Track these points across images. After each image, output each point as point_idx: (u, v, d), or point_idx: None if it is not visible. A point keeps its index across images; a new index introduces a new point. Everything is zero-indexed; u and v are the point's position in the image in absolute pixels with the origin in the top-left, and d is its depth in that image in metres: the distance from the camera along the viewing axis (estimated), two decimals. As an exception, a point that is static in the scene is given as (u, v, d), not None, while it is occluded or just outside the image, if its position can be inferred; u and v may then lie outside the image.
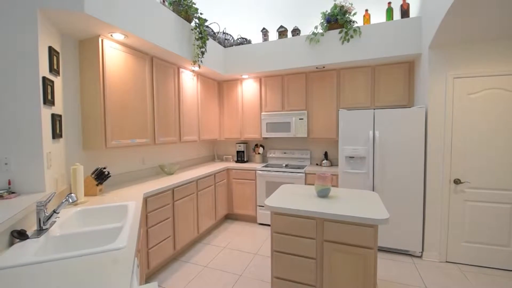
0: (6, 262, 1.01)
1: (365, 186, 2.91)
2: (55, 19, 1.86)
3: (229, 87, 4.17)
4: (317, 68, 3.45)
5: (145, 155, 3.09)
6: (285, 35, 3.59)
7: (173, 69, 3.11)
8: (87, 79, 2.24)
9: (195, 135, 3.57)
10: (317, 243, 1.73)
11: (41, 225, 1.33)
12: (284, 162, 4.01)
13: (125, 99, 2.42)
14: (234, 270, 2.53)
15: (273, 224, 1.83)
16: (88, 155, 2.38)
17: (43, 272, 0.95)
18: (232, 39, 3.96)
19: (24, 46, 1.64)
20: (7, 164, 1.63)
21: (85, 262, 1.02)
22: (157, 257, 2.40)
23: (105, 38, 2.21)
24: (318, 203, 1.82)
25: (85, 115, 2.27)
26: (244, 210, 3.81)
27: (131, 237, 1.25)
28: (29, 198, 1.52)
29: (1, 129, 1.61)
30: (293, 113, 3.66)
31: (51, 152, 1.79)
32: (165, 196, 2.51)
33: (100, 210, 1.81)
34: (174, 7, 2.89)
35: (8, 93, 1.62)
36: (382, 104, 3.25)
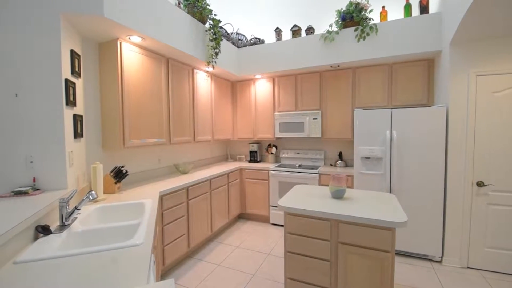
0: (31, 255, 1.06)
1: (381, 188, 2.83)
2: (77, 23, 1.94)
3: (242, 87, 4.19)
4: (331, 67, 3.40)
5: (161, 154, 3.16)
6: (299, 34, 3.56)
7: (188, 70, 3.17)
8: (106, 81, 2.32)
9: (209, 135, 3.61)
10: (331, 245, 1.70)
11: (64, 221, 1.39)
12: (297, 163, 3.98)
13: (142, 100, 2.48)
14: (247, 270, 2.53)
15: (287, 224, 1.82)
16: (107, 154, 2.47)
17: (66, 266, 0.99)
18: (245, 40, 3.97)
19: (48, 49, 1.72)
20: (32, 162, 1.71)
21: (105, 257, 1.06)
22: (172, 254, 2.44)
23: (123, 41, 2.28)
24: (333, 204, 1.79)
25: (104, 115, 2.36)
26: (257, 210, 3.81)
27: (148, 234, 1.29)
28: (52, 194, 1.59)
29: (27, 129, 1.70)
30: (307, 113, 3.62)
31: (73, 151, 1.87)
32: (180, 194, 2.56)
33: (119, 207, 1.87)
34: (189, 9, 2.93)
35: (33, 95, 1.70)
36: (400, 103, 3.15)
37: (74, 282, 0.89)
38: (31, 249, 1.12)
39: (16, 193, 1.57)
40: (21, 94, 1.68)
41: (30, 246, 1.16)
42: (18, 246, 1.12)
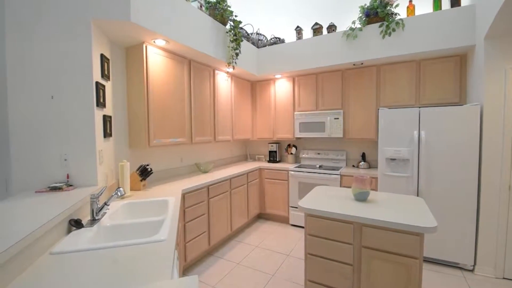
0: (66, 247, 1.14)
1: (408, 191, 2.70)
2: (106, 29, 2.05)
3: (262, 87, 4.19)
4: (354, 65, 3.30)
5: (183, 153, 3.25)
6: (320, 32, 3.50)
7: (209, 71, 3.22)
8: (133, 83, 2.43)
9: (229, 135, 3.65)
10: (354, 249, 1.65)
11: (94, 215, 1.48)
12: (318, 163, 3.91)
13: (166, 101, 2.57)
14: (266, 270, 2.53)
15: (307, 226, 1.79)
16: (133, 153, 2.58)
17: (97, 258, 1.05)
18: (265, 39, 3.97)
19: (80, 54, 1.83)
20: (66, 160, 1.83)
21: (131, 251, 1.11)
22: (193, 251, 2.50)
23: (149, 44, 2.37)
24: (356, 207, 1.73)
25: (131, 116, 2.47)
26: (276, 210, 3.79)
27: (171, 230, 1.33)
28: (84, 190, 1.69)
29: (61, 129, 1.82)
30: (328, 112, 3.54)
31: (102, 149, 1.98)
32: (201, 193, 2.62)
33: (144, 204, 1.94)
34: (210, 11, 2.99)
35: (67, 97, 1.82)
36: (429, 102, 2.98)
37: (104, 274, 0.93)
38: (65, 241, 1.20)
39: (52, 188, 1.69)
40: (56, 96, 1.81)
41: (64, 238, 1.24)
42: (53, 238, 1.20)
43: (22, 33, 1.73)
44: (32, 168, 1.76)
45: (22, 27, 1.73)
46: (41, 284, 0.87)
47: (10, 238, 0.92)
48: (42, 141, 1.79)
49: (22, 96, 1.74)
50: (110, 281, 0.88)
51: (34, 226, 1.04)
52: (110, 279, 0.90)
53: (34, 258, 1.03)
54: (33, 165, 1.77)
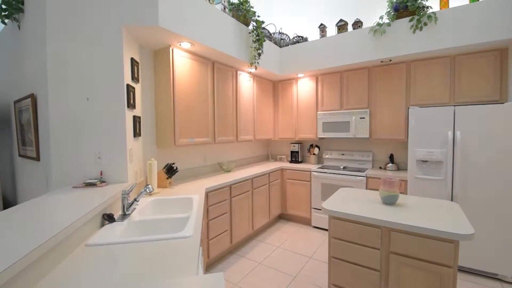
0: (100, 240, 1.21)
1: (440, 195, 2.53)
2: (135, 34, 2.15)
3: (284, 87, 4.16)
4: (382, 62, 3.16)
5: (206, 153, 3.33)
6: (345, 29, 3.39)
7: (232, 72, 3.27)
8: (160, 85, 2.53)
9: (251, 135, 3.67)
10: (382, 254, 1.58)
11: (125, 210, 1.56)
12: (342, 164, 3.80)
13: (190, 102, 2.64)
14: (288, 271, 2.51)
15: (332, 229, 1.75)
16: (160, 152, 2.69)
17: (127, 251, 1.11)
18: (288, 39, 3.94)
19: (112, 58, 1.94)
20: (100, 158, 1.95)
21: (159, 246, 1.15)
22: (216, 248, 2.55)
23: (175, 47, 2.45)
24: (384, 211, 1.66)
25: (158, 116, 2.57)
26: (298, 211, 3.74)
27: (196, 227, 1.36)
28: (115, 187, 1.79)
29: (95, 128, 1.94)
30: (353, 111, 3.42)
31: (132, 148, 2.09)
32: (223, 192, 2.66)
33: (170, 201, 2.02)
34: (233, 13, 3.03)
35: (100, 98, 1.94)
36: (465, 99, 2.77)
37: (134, 267, 0.98)
38: (99, 234, 1.28)
39: (87, 184, 1.81)
40: (91, 98, 1.93)
41: (98, 231, 1.33)
42: (89, 231, 1.29)
43: (60, 39, 1.87)
44: (70, 165, 1.90)
45: (61, 33, 1.87)
46: (78, 274, 0.94)
47: (51, 229, 1.00)
48: (79, 140, 1.92)
49: (61, 98, 1.88)
50: (141, 274, 0.92)
51: (72, 219, 1.12)
52: (140, 272, 0.94)
53: (72, 249, 1.11)
54: (70, 162, 1.90)
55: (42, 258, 0.90)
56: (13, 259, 0.76)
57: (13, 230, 1.01)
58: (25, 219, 1.16)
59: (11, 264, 0.74)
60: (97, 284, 0.87)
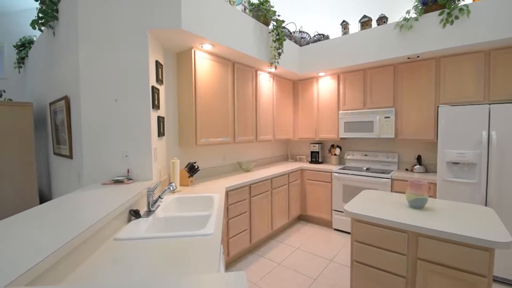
0: (127, 234, 1.27)
1: (473, 199, 2.36)
2: (160, 37, 2.23)
3: (304, 86, 4.11)
4: (409, 58, 3.01)
5: (226, 152, 3.37)
6: (369, 26, 3.28)
7: (252, 72, 3.28)
8: (183, 86, 2.60)
9: (270, 135, 3.66)
10: (408, 260, 1.51)
11: (150, 207, 1.62)
12: (365, 165, 3.67)
13: (211, 102, 2.69)
14: (308, 273, 2.47)
15: (354, 232, 1.70)
16: (182, 151, 2.77)
17: (152, 246, 1.15)
18: (308, 37, 3.88)
19: (139, 61, 2.03)
20: (127, 156, 2.05)
21: (182, 242, 1.19)
22: (235, 247, 2.58)
23: (197, 49, 2.51)
24: (411, 215, 1.58)
25: (180, 117, 2.65)
26: (318, 213, 3.68)
27: (217, 226, 1.38)
28: (141, 184, 1.87)
29: (122, 128, 2.04)
30: (377, 110, 3.30)
31: (157, 147, 2.17)
32: (243, 191, 2.68)
33: (192, 199, 2.07)
34: (253, 13, 3.04)
35: (127, 100, 2.04)
36: (501, 97, 2.56)
37: (159, 261, 1.02)
38: (126, 229, 1.34)
39: (115, 181, 1.91)
40: (119, 100, 2.03)
41: (125, 226, 1.39)
42: (117, 225, 1.36)
43: (91, 44, 1.99)
44: (100, 163, 2.01)
45: (91, 38, 1.98)
46: (107, 267, 0.99)
47: (84, 223, 1.07)
48: (108, 139, 2.03)
49: (91, 99, 2.00)
50: (166, 268, 0.96)
51: (102, 214, 1.18)
52: (164, 267, 0.97)
53: (102, 242, 1.18)
54: (100, 160, 2.02)
55: (75, 250, 0.96)
56: (49, 250, 0.82)
57: (49, 224, 1.08)
58: (59, 213, 1.24)
59: (47, 255, 0.79)
60: (125, 277, 0.91)
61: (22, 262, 0.74)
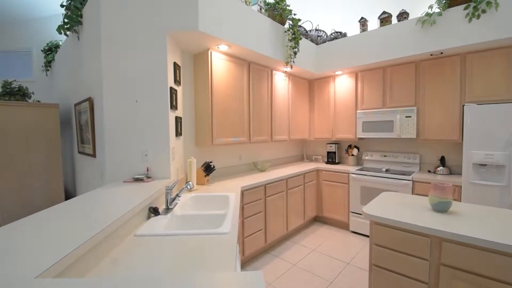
0: (147, 231, 1.31)
1: (502, 203, 2.23)
2: (178, 39, 2.28)
3: (320, 85, 4.05)
4: (431, 55, 2.89)
5: (241, 152, 3.39)
6: (388, 22, 3.18)
7: (267, 72, 3.27)
8: (199, 87, 2.64)
9: (285, 135, 3.64)
10: (430, 266, 1.44)
11: (168, 205, 1.66)
12: (384, 166, 3.56)
13: (227, 103, 2.72)
14: (325, 276, 2.43)
15: (373, 235, 1.65)
16: (199, 150, 2.81)
17: (171, 243, 1.17)
18: (325, 35, 3.82)
19: (158, 63, 2.08)
20: (146, 155, 2.11)
21: (199, 240, 1.20)
22: (250, 246, 2.58)
23: (213, 50, 2.54)
24: (434, 219, 1.51)
25: (197, 117, 2.69)
26: (335, 214, 3.61)
27: (233, 225, 1.39)
28: (160, 182, 1.92)
29: (142, 128, 2.10)
30: (398, 110, 3.18)
31: (174, 147, 2.22)
32: (258, 191, 2.68)
33: (208, 198, 2.10)
34: (269, 13, 3.03)
35: (146, 100, 2.10)
36: (536, 94, 2.40)
37: (177, 258, 1.04)
38: (146, 226, 1.38)
39: (136, 179, 1.97)
40: (139, 100, 2.09)
41: (145, 223, 1.43)
42: (137, 222, 1.40)
43: (113, 47, 2.06)
44: (121, 162, 2.09)
45: (113, 41, 2.06)
46: (128, 261, 1.02)
47: (107, 219, 1.11)
48: (128, 138, 2.10)
49: (113, 100, 2.08)
50: (183, 265, 0.98)
51: (124, 210, 1.22)
52: (182, 263, 0.99)
53: (123, 238, 1.22)
54: (121, 159, 2.09)
55: (99, 244, 1.00)
56: (75, 244, 0.86)
57: (74, 219, 1.14)
58: (84, 209, 1.30)
59: (74, 248, 0.83)
60: (144, 271, 0.93)
61: (50, 255, 0.78)
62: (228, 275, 0.72)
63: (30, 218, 1.12)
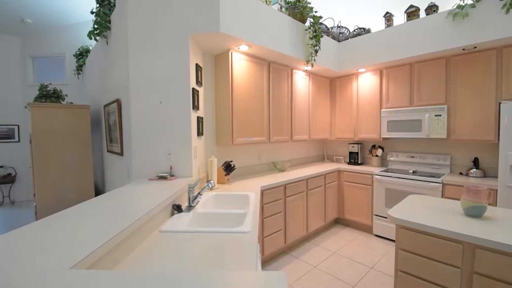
0: (171, 227, 1.35)
1: (547, 210, 2.03)
2: (199, 41, 2.33)
3: (342, 83, 3.94)
4: (464, 49, 2.70)
5: (261, 152, 3.39)
6: (416, 16, 3.02)
7: (287, 71, 3.25)
8: (220, 87, 2.68)
9: (306, 135, 3.59)
10: (462, 274, 1.35)
11: (190, 202, 1.70)
12: (411, 168, 3.39)
13: (247, 102, 2.73)
14: (346, 279, 2.37)
15: (400, 239, 1.58)
16: (219, 150, 2.86)
17: (193, 239, 1.20)
18: (347, 32, 3.72)
19: (181, 64, 2.14)
20: (170, 154, 2.18)
21: (220, 238, 1.22)
22: (270, 246, 2.58)
23: (234, 51, 2.57)
24: (467, 224, 1.42)
25: (218, 117, 2.74)
26: (357, 217, 3.50)
27: (253, 224, 1.40)
28: (182, 181, 1.98)
29: (166, 128, 2.17)
30: (426, 108, 3.02)
31: (196, 146, 2.27)
32: (278, 191, 2.67)
33: (229, 197, 2.13)
34: (289, 11, 3.00)
35: (170, 101, 2.16)
36: None
37: (199, 254, 1.06)
38: (170, 222, 1.43)
39: (160, 177, 2.05)
40: (163, 102, 2.17)
41: (169, 220, 1.48)
42: (161, 218, 1.45)
43: (139, 50, 2.15)
44: (146, 160, 2.18)
45: (140, 45, 2.15)
46: (154, 256, 1.06)
47: (134, 215, 1.16)
48: (153, 138, 2.18)
49: (140, 101, 2.17)
50: (206, 261, 1.00)
51: (150, 206, 1.27)
52: (205, 259, 1.01)
53: (149, 233, 1.27)
54: (147, 157, 2.18)
55: (127, 238, 1.05)
56: (105, 238, 0.90)
57: (104, 214, 1.20)
58: (113, 205, 1.37)
59: (105, 242, 0.88)
60: (169, 267, 0.97)
61: (83, 247, 0.83)
62: (251, 274, 0.72)
63: (64, 212, 1.20)
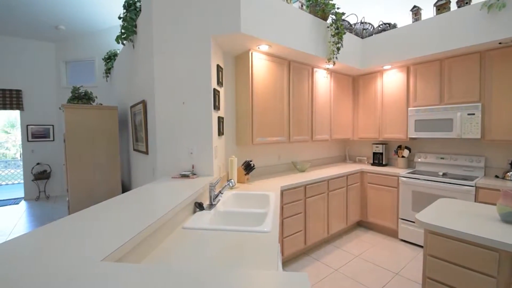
0: (193, 224, 1.38)
1: None
2: (220, 42, 2.36)
3: (365, 81, 3.81)
4: (500, 43, 2.50)
5: (281, 151, 3.37)
6: (446, 9, 2.84)
7: (308, 70, 3.20)
8: (240, 87, 2.71)
9: (327, 134, 3.51)
10: (498, 284, 1.26)
11: (212, 201, 1.73)
12: (440, 170, 3.20)
13: (267, 102, 2.73)
14: (370, 285, 2.29)
15: (428, 245, 1.50)
16: (239, 149, 2.88)
17: (215, 237, 1.23)
18: (371, 28, 3.58)
19: (203, 66, 2.19)
20: (192, 153, 2.24)
21: (241, 236, 1.23)
22: (290, 247, 2.56)
23: (254, 51, 2.58)
24: (504, 231, 1.31)
25: (238, 117, 2.76)
26: (381, 220, 3.37)
27: (274, 224, 1.39)
28: (204, 179, 2.02)
29: (188, 128, 2.23)
30: (458, 106, 2.83)
31: (217, 146, 2.31)
32: (298, 191, 2.64)
33: (249, 196, 2.14)
34: (310, 9, 2.95)
35: (192, 102, 2.22)
36: None
37: (220, 251, 1.08)
38: (192, 219, 1.47)
39: (182, 176, 2.10)
40: (185, 102, 2.23)
41: (191, 217, 1.52)
42: (184, 216, 1.49)
43: (164, 53, 2.23)
44: (170, 159, 2.25)
45: (163, 48, 2.22)
46: (177, 252, 1.09)
47: (159, 211, 1.20)
48: (176, 138, 2.25)
49: (164, 102, 2.24)
50: (228, 259, 1.01)
51: (174, 204, 1.32)
52: (227, 257, 1.03)
53: (172, 229, 1.31)
54: (170, 156, 2.25)
55: (153, 234, 1.09)
56: (133, 232, 0.94)
57: (131, 210, 1.26)
58: (139, 201, 1.43)
59: (132, 236, 0.92)
60: (192, 263, 0.99)
61: (113, 240, 0.88)
62: (273, 273, 0.72)
63: (95, 207, 1.28)
